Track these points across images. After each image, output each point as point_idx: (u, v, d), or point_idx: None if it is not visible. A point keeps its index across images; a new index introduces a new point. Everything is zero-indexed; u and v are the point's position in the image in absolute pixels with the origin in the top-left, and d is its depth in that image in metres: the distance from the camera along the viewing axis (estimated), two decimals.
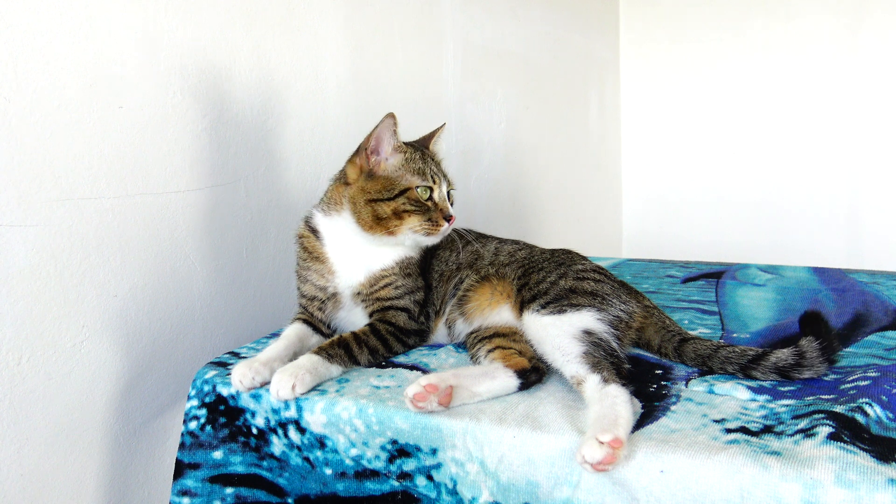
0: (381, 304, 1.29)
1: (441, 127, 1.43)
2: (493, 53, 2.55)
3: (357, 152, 1.30)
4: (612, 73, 3.68)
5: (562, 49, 3.08)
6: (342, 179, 1.32)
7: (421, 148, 1.35)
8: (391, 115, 1.24)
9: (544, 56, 2.92)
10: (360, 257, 1.30)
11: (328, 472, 1.08)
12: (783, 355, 1.08)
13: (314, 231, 1.34)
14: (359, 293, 1.30)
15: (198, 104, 1.46)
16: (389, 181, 1.26)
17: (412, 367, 1.21)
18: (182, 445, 1.19)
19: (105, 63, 1.28)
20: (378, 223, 1.25)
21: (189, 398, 1.20)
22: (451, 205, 1.33)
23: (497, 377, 1.08)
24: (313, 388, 1.12)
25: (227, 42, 1.52)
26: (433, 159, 1.35)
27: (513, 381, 1.08)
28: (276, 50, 1.64)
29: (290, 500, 1.11)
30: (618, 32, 3.72)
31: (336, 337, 1.22)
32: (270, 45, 1.63)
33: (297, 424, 1.10)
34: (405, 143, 1.31)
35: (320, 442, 1.08)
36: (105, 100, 1.28)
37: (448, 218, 1.28)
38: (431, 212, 1.27)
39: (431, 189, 1.28)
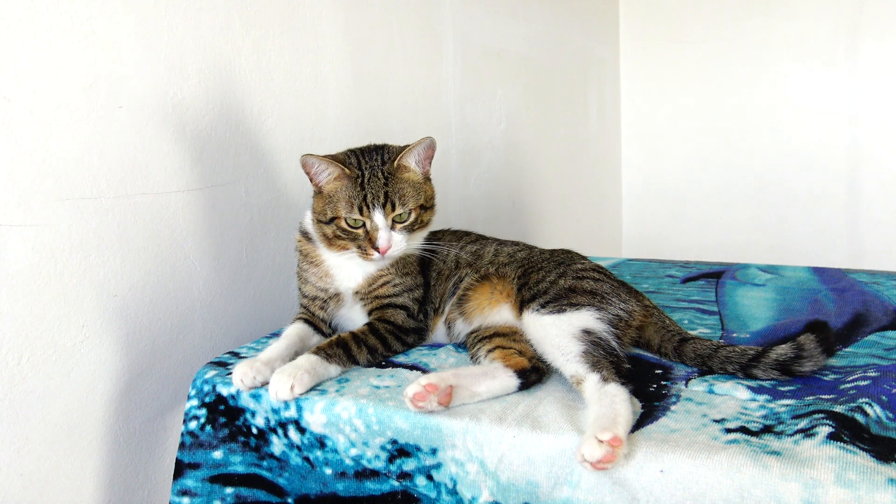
0: (380, 301, 1.29)
1: (423, 141, 1.25)
2: (493, 53, 2.55)
3: None
4: (612, 73, 3.67)
5: (562, 49, 3.08)
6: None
7: (374, 168, 1.23)
8: (309, 156, 1.21)
9: (544, 56, 2.92)
10: (354, 259, 1.28)
11: (328, 471, 1.08)
12: (782, 350, 1.08)
13: (306, 235, 1.34)
14: (357, 292, 1.31)
15: (198, 104, 1.46)
16: (326, 204, 1.24)
17: (412, 367, 1.21)
18: (182, 445, 1.19)
19: (105, 63, 1.28)
20: (329, 242, 1.26)
21: (189, 398, 1.20)
22: (409, 226, 1.25)
23: (497, 377, 1.08)
24: (313, 388, 1.12)
25: (227, 42, 1.52)
26: (390, 177, 1.23)
27: (513, 381, 1.08)
28: (276, 50, 1.64)
29: (290, 500, 1.11)
30: (618, 32, 3.72)
31: (335, 336, 1.22)
32: (270, 45, 1.63)
33: (297, 424, 1.10)
34: (349, 163, 1.23)
35: (320, 442, 1.08)
36: (105, 100, 1.28)
37: (378, 248, 1.21)
38: (360, 240, 1.23)
39: (363, 220, 1.22)
